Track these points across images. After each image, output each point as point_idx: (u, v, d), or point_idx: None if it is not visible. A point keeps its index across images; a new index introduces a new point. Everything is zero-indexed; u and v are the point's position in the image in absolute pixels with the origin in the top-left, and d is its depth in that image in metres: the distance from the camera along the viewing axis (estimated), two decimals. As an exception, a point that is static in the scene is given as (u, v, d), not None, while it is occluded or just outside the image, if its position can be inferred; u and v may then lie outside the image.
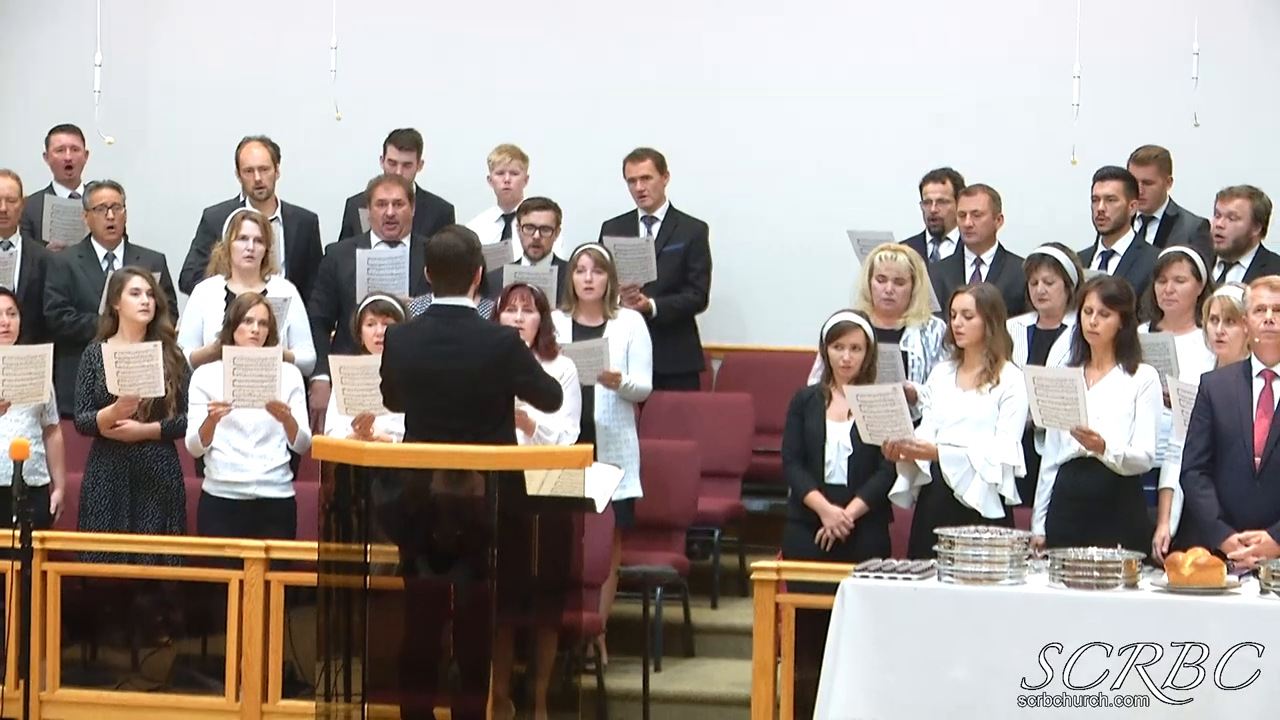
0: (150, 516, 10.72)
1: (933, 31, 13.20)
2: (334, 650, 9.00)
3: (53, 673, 10.40)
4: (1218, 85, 12.03)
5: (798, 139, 13.33)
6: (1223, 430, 9.04)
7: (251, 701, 10.26)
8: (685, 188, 12.73)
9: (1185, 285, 10.42)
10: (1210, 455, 9.07)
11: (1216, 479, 9.05)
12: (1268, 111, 12.79)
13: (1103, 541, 8.76)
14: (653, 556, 11.22)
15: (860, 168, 13.14)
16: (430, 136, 12.87)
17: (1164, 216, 12.01)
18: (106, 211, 12.06)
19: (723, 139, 13.34)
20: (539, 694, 9.06)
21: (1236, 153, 12.27)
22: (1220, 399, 9.07)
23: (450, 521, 8.91)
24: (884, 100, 13.21)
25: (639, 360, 11.35)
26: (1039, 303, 10.72)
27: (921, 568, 8.79)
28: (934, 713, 8.53)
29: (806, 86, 13.31)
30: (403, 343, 9.16)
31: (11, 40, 14.22)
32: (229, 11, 14.01)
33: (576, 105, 13.52)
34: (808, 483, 10.22)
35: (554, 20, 13.64)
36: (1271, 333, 9.03)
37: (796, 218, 13.22)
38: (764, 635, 9.90)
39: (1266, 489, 8.96)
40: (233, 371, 10.52)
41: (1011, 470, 10.07)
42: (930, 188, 12.27)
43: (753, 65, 13.37)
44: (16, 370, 10.62)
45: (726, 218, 12.89)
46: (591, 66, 13.57)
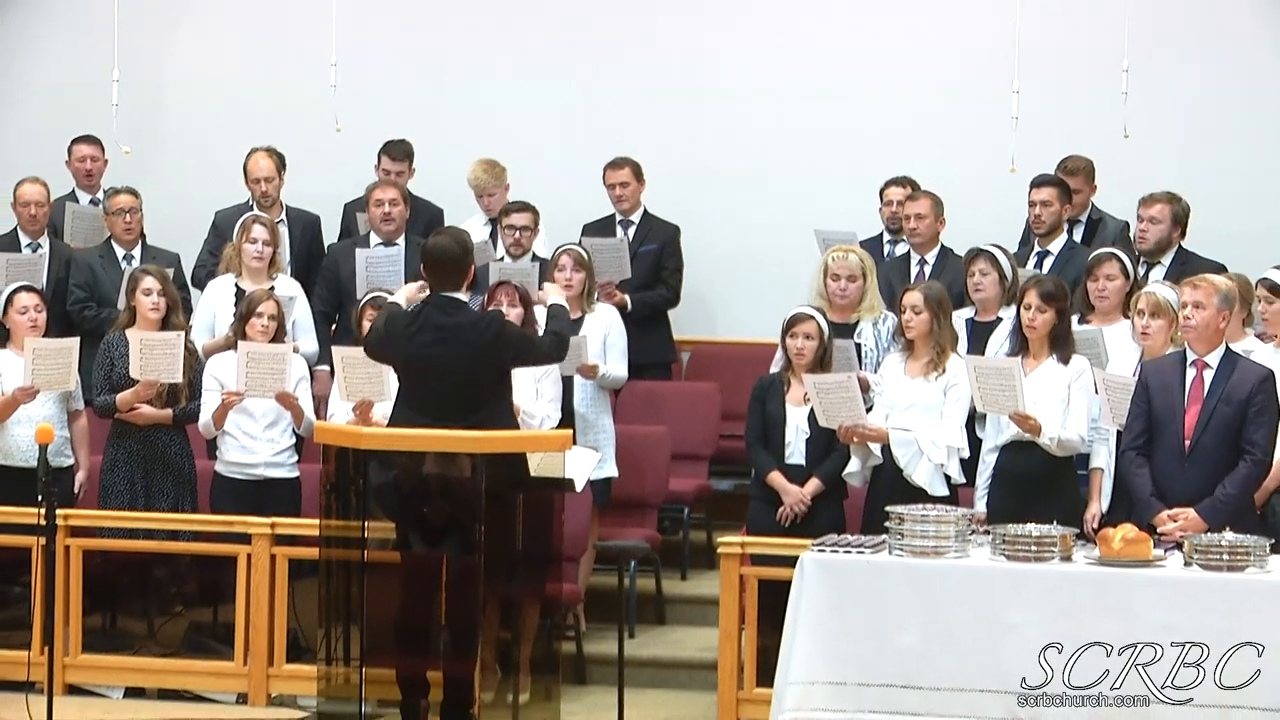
0: (165, 495, 10.71)
1: (886, 51, 13.20)
2: (334, 618, 8.99)
3: (75, 639, 10.40)
4: (1145, 100, 12.04)
5: (763, 150, 13.34)
6: (1158, 415, 9.03)
7: (258, 665, 10.26)
8: (659, 193, 12.74)
9: (1115, 283, 10.46)
10: (1147, 437, 9.07)
11: (1151, 459, 9.05)
12: (1190, 124, 12.80)
13: (1039, 518, 8.76)
14: (627, 532, 11.22)
15: (818, 176, 13.14)
16: (421, 146, 12.87)
17: (1089, 220, 12.02)
18: (125, 215, 12.07)
19: (694, 150, 13.33)
20: (523, 658, 9.05)
21: (1161, 162, 12.28)
22: (1156, 386, 9.07)
23: (441, 500, 8.91)
24: (841, 114, 13.21)
25: (615, 351, 11.36)
26: (975, 293, 10.74)
27: (874, 542, 8.79)
28: (884, 675, 8.52)
29: (771, 102, 13.32)
30: (399, 329, 9.14)
31: (36, 58, 14.19)
32: (237, 31, 13.99)
33: (558, 117, 13.51)
34: (769, 463, 10.24)
35: (536, 40, 13.62)
36: (1189, 327, 9.05)
37: (760, 222, 13.21)
38: (729, 604, 9.91)
39: (1194, 470, 8.95)
40: (246, 364, 10.51)
41: (956, 452, 10.09)
42: (891, 191, 12.28)
43: (722, 81, 13.37)
44: (46, 360, 10.60)
45: (697, 221, 12.88)
46: (572, 82, 13.57)
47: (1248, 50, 12.84)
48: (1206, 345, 9.03)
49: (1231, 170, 12.64)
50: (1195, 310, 9.02)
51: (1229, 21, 12.88)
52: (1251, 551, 8.35)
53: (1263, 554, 8.38)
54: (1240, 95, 12.83)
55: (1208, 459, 8.92)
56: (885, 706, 8.53)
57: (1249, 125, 12.80)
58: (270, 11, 13.88)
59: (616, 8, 13.51)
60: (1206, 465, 8.91)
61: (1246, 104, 12.82)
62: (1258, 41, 12.83)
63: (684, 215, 12.77)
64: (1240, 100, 12.82)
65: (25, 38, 14.26)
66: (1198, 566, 8.40)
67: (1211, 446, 8.93)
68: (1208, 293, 9.00)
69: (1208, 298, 9.00)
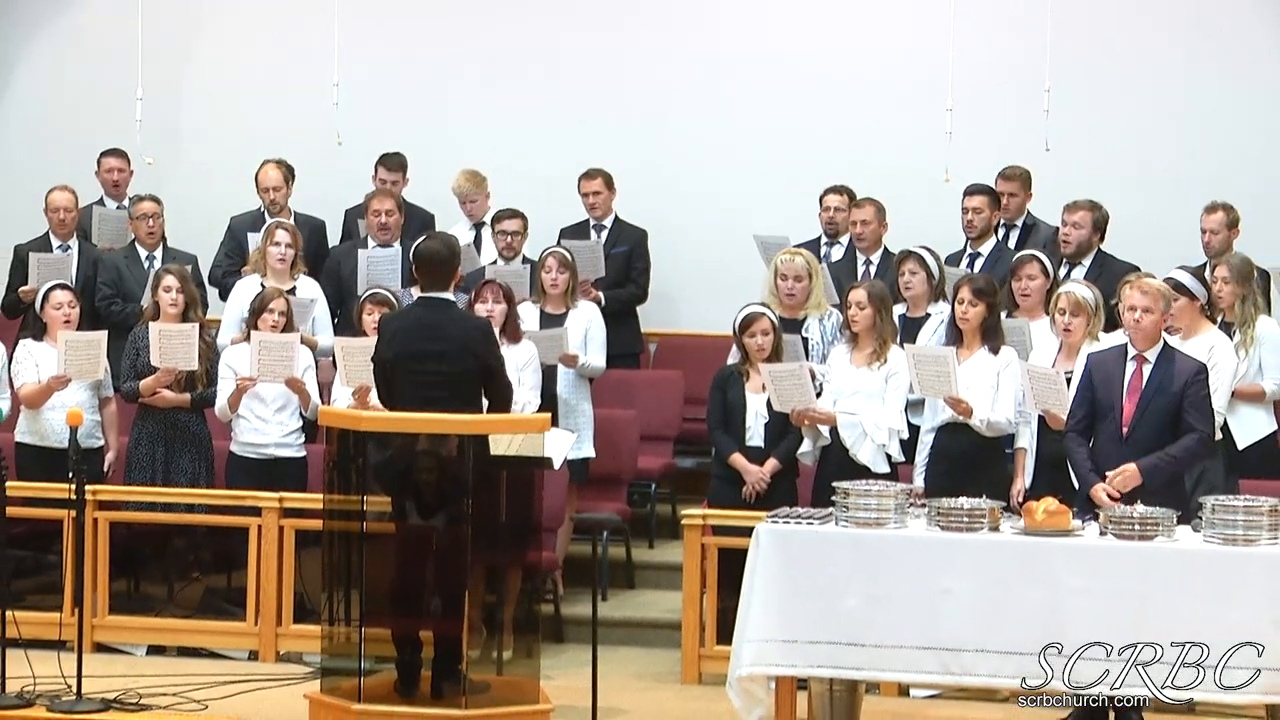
0: (184, 472, 10.69)
1: (829, 75, 13.21)
2: (336, 583, 8.96)
3: (102, 602, 10.39)
4: (1065, 117, 12.05)
5: (718, 164, 13.33)
6: (1100, 402, 8.99)
7: (268, 625, 10.26)
8: (628, 201, 12.74)
9: (1036, 282, 10.48)
10: (1088, 422, 9.02)
11: (1094, 441, 9.00)
12: (1107, 138, 12.82)
13: (971, 492, 8.73)
14: (600, 505, 11.20)
15: (769, 186, 13.14)
16: (415, 158, 12.86)
17: (1024, 225, 12.03)
18: (148, 220, 12.07)
19: (659, 163, 13.32)
20: (506, 619, 9.03)
21: (1081, 173, 12.28)
22: (1099, 376, 9.03)
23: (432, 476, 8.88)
24: (788, 130, 13.21)
25: (595, 343, 11.36)
26: (905, 291, 10.75)
27: (822, 514, 8.77)
28: (831, 633, 8.49)
29: (725, 121, 13.33)
30: (394, 328, 9.11)
31: (67, 79, 14.15)
32: (248, 56, 13.95)
33: (537, 132, 13.49)
34: (730, 446, 10.23)
35: (518, 66, 13.62)
36: (1139, 329, 9.01)
37: (716, 226, 13.20)
38: (692, 571, 9.92)
39: (1131, 452, 8.86)
40: (258, 352, 10.49)
41: (896, 433, 10.10)
42: (829, 199, 12.30)
43: (680, 104, 13.38)
44: (77, 352, 10.59)
45: (662, 226, 12.87)
46: (548, 101, 13.56)
47: (1156, 71, 12.87)
48: (1149, 343, 8.99)
49: (1142, 179, 12.65)
50: (1145, 314, 8.96)
51: (1139, 48, 12.91)
52: (1160, 522, 8.35)
53: (1170, 524, 8.37)
54: (1149, 112, 12.86)
55: (1142, 442, 8.88)
56: (831, 662, 8.51)
57: (1158, 139, 12.82)
58: (279, 37, 13.86)
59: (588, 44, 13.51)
60: (1141, 448, 8.87)
61: (1155, 120, 12.85)
62: (1164, 64, 12.86)
63: (650, 221, 12.77)
64: (1150, 116, 12.85)
65: (58, 60, 14.23)
66: (1112, 536, 8.39)
67: (1146, 431, 8.89)
68: (1155, 298, 8.97)
69: (1155, 303, 8.96)
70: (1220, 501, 8.36)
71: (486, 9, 13.72)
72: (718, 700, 9.01)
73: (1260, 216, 11.57)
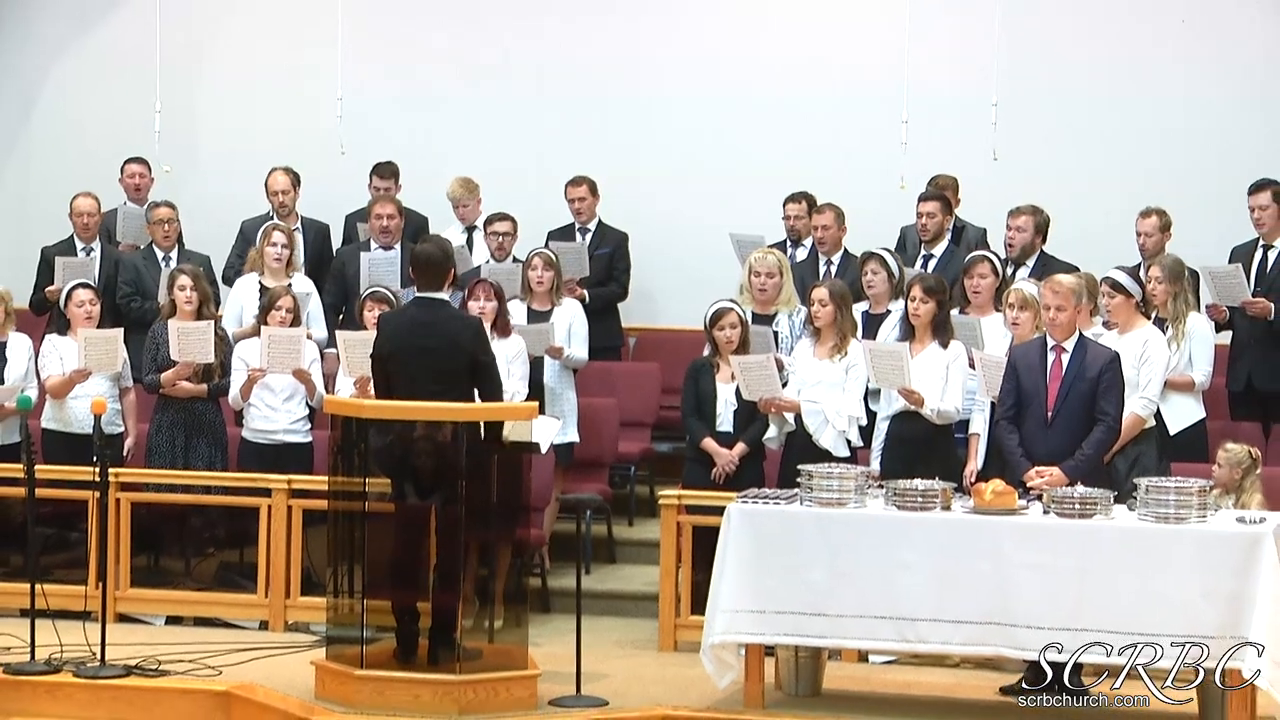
0: (200, 456, 10.66)
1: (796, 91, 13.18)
2: (340, 558, 8.95)
3: (124, 576, 10.37)
4: (1011, 129, 12.07)
5: (694, 174, 13.30)
6: (1024, 390, 9.01)
7: (277, 598, 10.24)
8: (611, 206, 12.72)
9: (987, 280, 10.49)
10: (1015, 410, 9.05)
11: (1020, 426, 9.03)
12: (1049, 149, 12.82)
13: (924, 475, 8.76)
14: (584, 486, 11.19)
15: (740, 193, 13.11)
16: (412, 166, 12.85)
17: (954, 228, 11.99)
18: (164, 225, 12.08)
19: (639, 172, 13.29)
20: (497, 592, 9.01)
21: (1026, 180, 12.27)
22: (1023, 367, 9.06)
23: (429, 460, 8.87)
24: (757, 141, 13.21)
25: (578, 338, 11.35)
26: (868, 289, 10.75)
27: (788, 495, 8.79)
28: (796, 604, 8.51)
29: (699, 134, 13.32)
30: (391, 326, 9.09)
31: (91, 93, 14.11)
32: (259, 72, 13.92)
33: (526, 143, 13.47)
34: (702, 431, 10.23)
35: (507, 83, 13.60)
36: (1054, 324, 9.03)
37: (694, 231, 13.17)
38: (669, 547, 9.92)
39: (1055, 435, 8.91)
40: (268, 346, 10.47)
41: (855, 421, 10.10)
42: (789, 207, 12.31)
43: (659, 118, 13.36)
44: (96, 347, 10.60)
45: (642, 230, 12.86)
46: (536, 114, 13.54)
47: (1092, 89, 12.87)
48: (1065, 334, 9.04)
49: (1082, 186, 12.65)
50: (1058, 311, 9.01)
51: (1079, 67, 12.90)
52: (1098, 502, 8.38)
53: (1107, 504, 8.40)
54: (1088, 125, 12.86)
55: (1066, 425, 8.91)
56: (797, 630, 8.54)
57: (1096, 149, 12.83)
58: (286, 56, 13.81)
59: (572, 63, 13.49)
60: (1064, 431, 8.91)
61: (1092, 132, 12.85)
62: (1100, 82, 12.86)
63: (631, 224, 12.76)
64: (1088, 129, 12.86)
65: (82, 77, 14.20)
66: (1054, 514, 8.42)
67: (1069, 415, 8.92)
68: (1065, 296, 9.00)
69: (1066, 300, 9.00)
70: (1153, 483, 8.40)
71: (478, 29, 13.69)
72: (692, 666, 9.01)
73: (1191, 221, 11.58)
